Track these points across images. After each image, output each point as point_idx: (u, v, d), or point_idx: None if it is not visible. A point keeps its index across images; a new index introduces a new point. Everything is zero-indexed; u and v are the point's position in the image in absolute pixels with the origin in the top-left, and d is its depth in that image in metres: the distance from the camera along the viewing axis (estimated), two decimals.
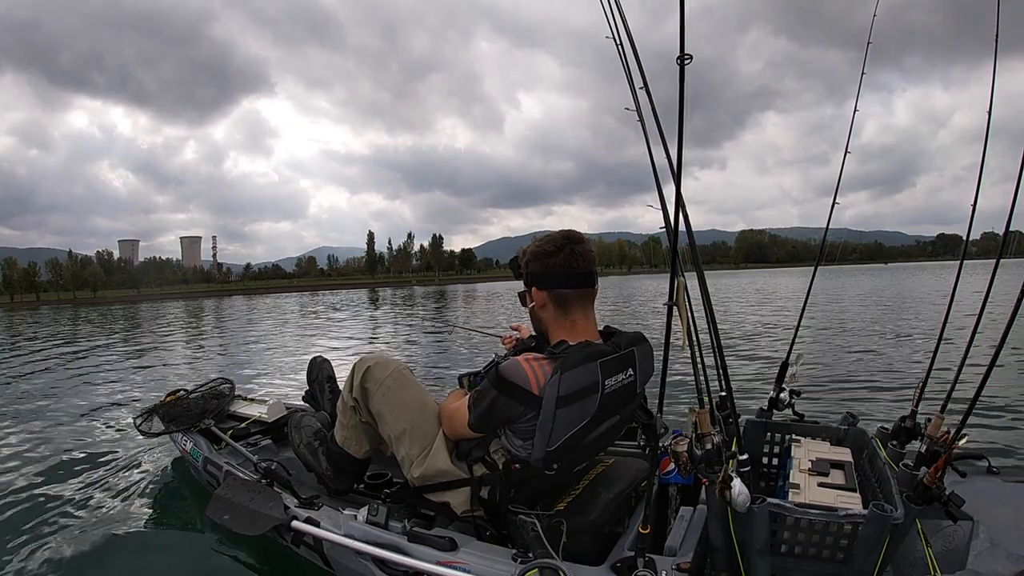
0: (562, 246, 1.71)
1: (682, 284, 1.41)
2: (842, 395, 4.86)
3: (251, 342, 11.93)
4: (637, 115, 1.79)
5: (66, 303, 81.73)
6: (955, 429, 1.50)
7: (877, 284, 25.52)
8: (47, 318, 29.76)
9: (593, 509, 1.73)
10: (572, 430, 1.61)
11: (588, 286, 1.74)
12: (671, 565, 1.44)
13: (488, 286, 62.16)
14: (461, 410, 1.73)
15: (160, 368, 8.42)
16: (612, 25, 1.78)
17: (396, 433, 1.86)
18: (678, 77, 1.24)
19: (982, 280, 1.86)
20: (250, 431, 2.94)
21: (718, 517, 1.41)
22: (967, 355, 1.78)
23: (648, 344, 1.85)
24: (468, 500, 1.78)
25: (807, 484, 1.56)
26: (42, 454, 3.94)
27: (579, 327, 1.73)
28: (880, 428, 1.99)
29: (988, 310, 1.82)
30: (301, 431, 2.16)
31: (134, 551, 2.49)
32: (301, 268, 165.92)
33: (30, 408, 5.59)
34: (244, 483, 2.19)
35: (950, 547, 1.58)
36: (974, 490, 1.54)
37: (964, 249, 2.10)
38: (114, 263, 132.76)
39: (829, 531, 1.37)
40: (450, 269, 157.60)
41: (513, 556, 1.56)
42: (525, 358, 1.63)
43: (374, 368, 1.92)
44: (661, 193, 1.70)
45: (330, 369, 2.56)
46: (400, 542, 1.71)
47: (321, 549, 1.95)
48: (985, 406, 3.94)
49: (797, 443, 1.82)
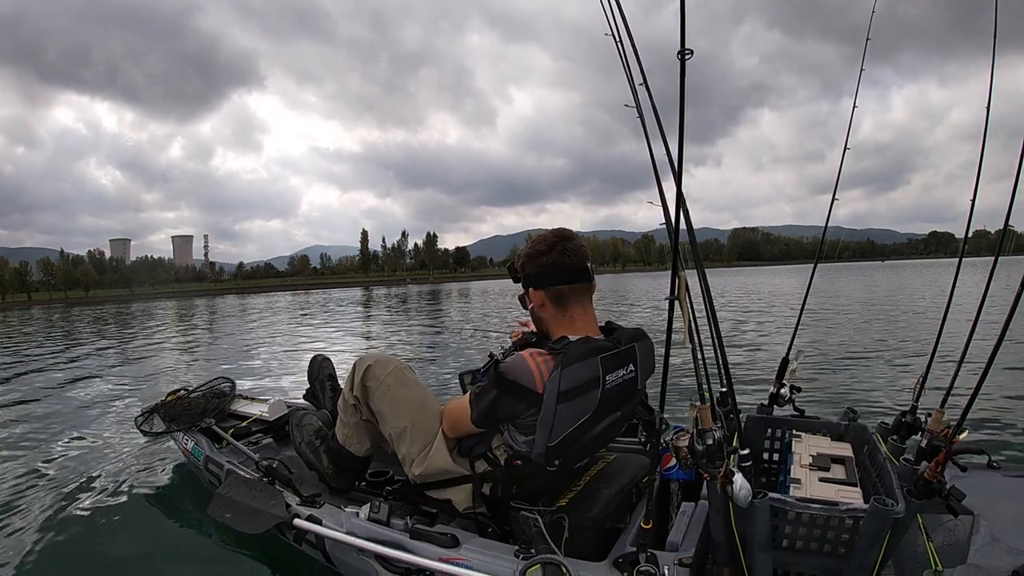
0: (553, 244, 1.73)
1: (683, 280, 1.41)
2: (843, 390, 4.89)
3: (250, 341, 11.90)
4: (637, 112, 1.79)
5: (58, 303, 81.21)
6: (955, 424, 1.51)
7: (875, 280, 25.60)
8: (40, 318, 29.57)
9: (595, 505, 1.74)
10: (573, 426, 1.61)
11: (583, 281, 1.74)
12: (673, 560, 1.45)
13: (482, 284, 62.10)
14: (464, 406, 1.73)
15: (159, 368, 8.39)
16: (611, 21, 1.78)
17: (397, 431, 1.87)
18: (679, 73, 1.24)
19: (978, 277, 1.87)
20: (251, 430, 2.94)
21: (719, 512, 1.42)
22: (967, 350, 1.79)
23: (649, 340, 1.85)
24: (470, 497, 1.79)
25: (808, 479, 1.56)
26: (42, 455, 3.92)
27: (578, 322, 1.74)
28: (881, 423, 2.00)
29: (987, 305, 1.83)
30: (302, 429, 2.16)
31: (136, 551, 2.48)
32: (294, 267, 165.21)
33: (28, 409, 5.57)
34: (246, 481, 2.19)
35: (951, 541, 1.59)
36: (975, 484, 1.55)
37: (963, 246, 2.11)
38: (106, 262, 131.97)
39: (830, 525, 1.37)
40: (444, 267, 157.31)
41: (515, 552, 1.57)
42: (529, 353, 1.64)
43: (375, 366, 1.92)
44: (661, 189, 1.70)
45: (331, 367, 2.56)
46: (402, 539, 1.71)
47: (323, 547, 1.95)
48: (985, 401, 3.96)
49: (798, 438, 1.83)
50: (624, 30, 1.76)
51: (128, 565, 2.39)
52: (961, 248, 2.12)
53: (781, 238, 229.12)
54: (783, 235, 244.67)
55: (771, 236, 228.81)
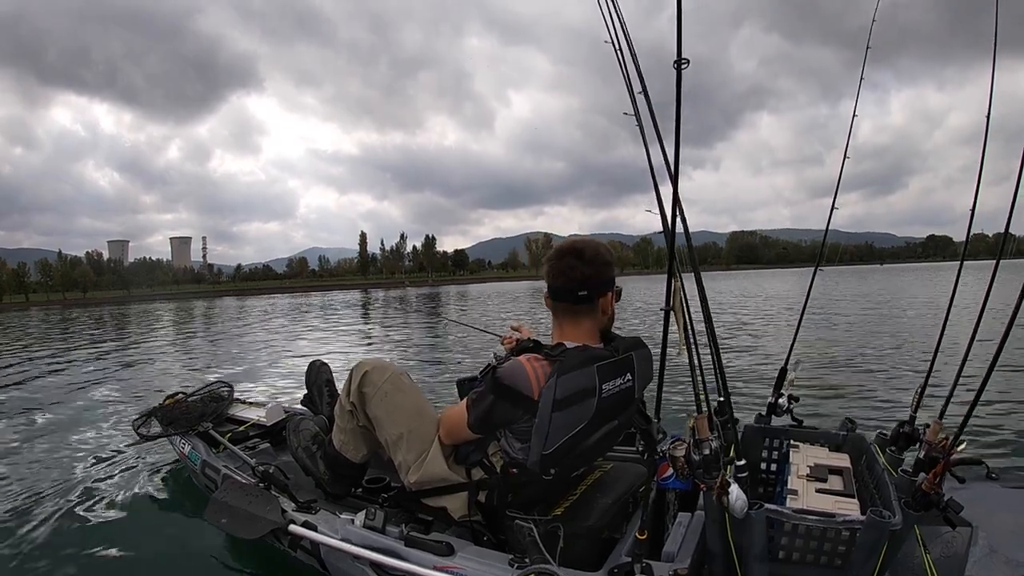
0: (551, 257, 1.75)
1: (679, 290, 1.41)
2: (841, 401, 4.86)
3: (248, 344, 11.87)
4: (636, 119, 1.79)
5: (56, 304, 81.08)
6: (953, 435, 1.51)
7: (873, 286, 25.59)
8: (38, 319, 29.53)
9: (591, 514, 1.73)
10: (568, 434, 1.61)
11: (568, 301, 1.73)
12: (668, 571, 1.44)
13: (480, 287, 62.11)
14: (461, 411, 1.72)
15: (156, 371, 8.37)
16: (611, 29, 1.78)
17: (393, 438, 1.86)
18: (675, 82, 1.25)
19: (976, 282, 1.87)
20: (248, 434, 2.93)
21: (716, 523, 1.41)
22: (966, 361, 1.78)
23: (647, 349, 1.85)
24: (465, 505, 1.78)
25: (805, 490, 1.56)
26: (39, 457, 3.91)
27: (577, 330, 1.73)
28: (879, 434, 2.00)
29: (988, 313, 1.82)
30: (299, 435, 2.15)
31: (132, 554, 2.47)
32: (292, 269, 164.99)
33: (26, 412, 5.55)
34: (242, 486, 2.18)
35: (949, 553, 1.58)
36: (973, 496, 1.55)
37: (964, 250, 2.10)
38: (104, 264, 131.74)
39: (827, 537, 1.37)
40: (442, 270, 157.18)
41: (510, 561, 1.56)
42: (527, 358, 1.64)
43: (372, 373, 1.91)
44: (659, 196, 1.70)
45: (328, 373, 2.56)
46: (397, 547, 1.70)
47: (318, 553, 1.94)
48: (984, 412, 3.94)
49: (795, 449, 1.82)
50: (623, 38, 1.76)
51: (124, 569, 2.38)
52: (962, 253, 2.11)
53: (779, 241, 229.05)
54: (781, 239, 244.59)
55: (769, 239, 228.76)
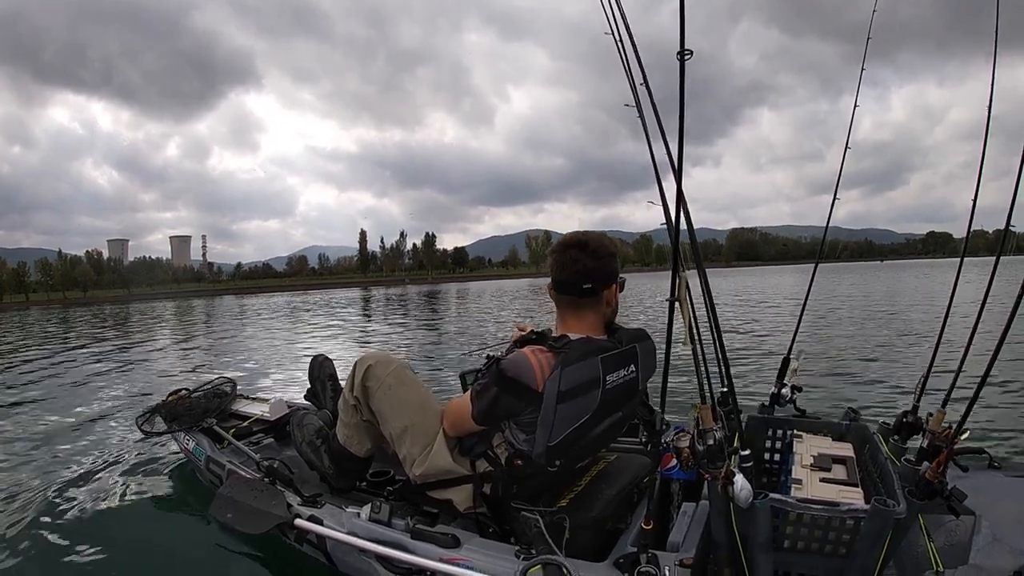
0: (555, 249, 1.76)
1: (684, 280, 1.41)
2: (844, 391, 4.88)
3: (250, 341, 11.88)
4: (637, 111, 1.79)
5: (56, 303, 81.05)
6: (957, 424, 1.52)
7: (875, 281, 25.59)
8: (39, 319, 29.52)
9: (595, 505, 1.74)
10: (573, 426, 1.62)
11: (572, 295, 1.73)
12: (674, 561, 1.45)
13: (480, 285, 62.04)
14: (465, 403, 1.73)
15: (159, 368, 8.37)
16: (611, 21, 1.78)
17: (397, 431, 1.86)
18: (678, 73, 1.24)
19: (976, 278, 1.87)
20: (252, 430, 2.94)
21: (720, 513, 1.42)
22: (968, 350, 1.79)
23: (650, 340, 1.85)
24: (471, 497, 1.79)
25: (809, 479, 1.56)
26: (43, 455, 3.92)
27: (581, 323, 1.74)
28: (882, 423, 2.00)
29: (988, 306, 1.83)
30: (303, 429, 2.16)
31: (137, 551, 2.48)
32: (292, 267, 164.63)
33: (29, 409, 5.56)
34: (247, 482, 2.19)
35: (952, 542, 1.59)
36: (976, 485, 1.55)
37: (965, 246, 2.11)
38: (104, 263, 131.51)
39: (831, 526, 1.37)
40: (442, 268, 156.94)
41: (516, 552, 1.57)
42: (531, 349, 1.64)
43: (375, 366, 1.92)
44: (662, 189, 1.70)
45: (331, 367, 2.56)
46: (403, 539, 1.71)
47: (324, 547, 1.95)
48: (986, 401, 3.95)
49: (799, 439, 1.82)
50: (624, 29, 1.76)
51: (129, 565, 2.38)
52: (963, 248, 2.12)
53: (779, 238, 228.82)
54: (781, 235, 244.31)
55: (769, 236, 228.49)
